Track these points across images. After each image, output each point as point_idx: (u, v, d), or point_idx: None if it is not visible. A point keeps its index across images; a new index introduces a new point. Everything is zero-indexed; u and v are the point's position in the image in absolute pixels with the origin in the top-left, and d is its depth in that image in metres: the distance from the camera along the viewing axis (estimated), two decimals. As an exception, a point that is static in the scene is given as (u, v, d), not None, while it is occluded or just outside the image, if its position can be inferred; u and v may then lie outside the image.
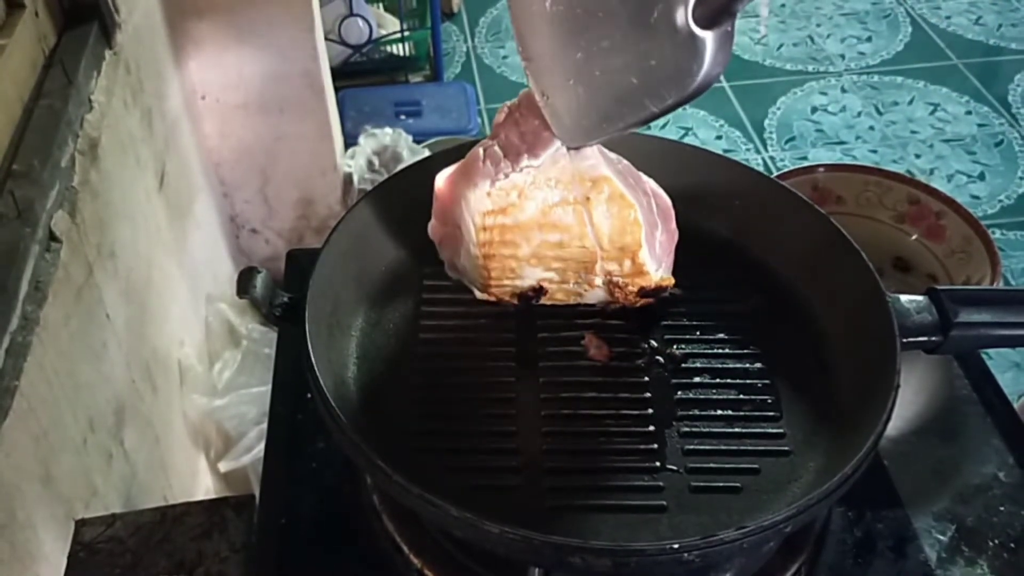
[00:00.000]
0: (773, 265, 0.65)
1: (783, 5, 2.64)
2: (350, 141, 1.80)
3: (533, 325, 0.61)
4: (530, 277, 0.59)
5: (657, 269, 0.59)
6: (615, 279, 0.59)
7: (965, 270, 0.79)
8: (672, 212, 0.61)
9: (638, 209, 0.56)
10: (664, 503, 0.52)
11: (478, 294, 0.61)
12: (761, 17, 2.60)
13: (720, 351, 0.60)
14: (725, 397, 0.58)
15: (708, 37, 0.42)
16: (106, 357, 0.88)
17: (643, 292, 0.59)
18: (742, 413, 0.57)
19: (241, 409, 1.22)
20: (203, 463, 1.22)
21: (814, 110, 2.26)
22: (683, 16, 0.42)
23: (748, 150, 2.14)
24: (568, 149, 0.55)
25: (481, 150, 0.56)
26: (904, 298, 0.57)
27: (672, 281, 0.60)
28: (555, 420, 0.56)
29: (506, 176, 0.54)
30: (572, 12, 0.47)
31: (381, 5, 2.30)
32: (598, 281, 0.59)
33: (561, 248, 0.57)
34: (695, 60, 0.43)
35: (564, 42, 0.48)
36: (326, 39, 1.62)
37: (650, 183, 0.60)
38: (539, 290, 0.60)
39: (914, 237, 0.83)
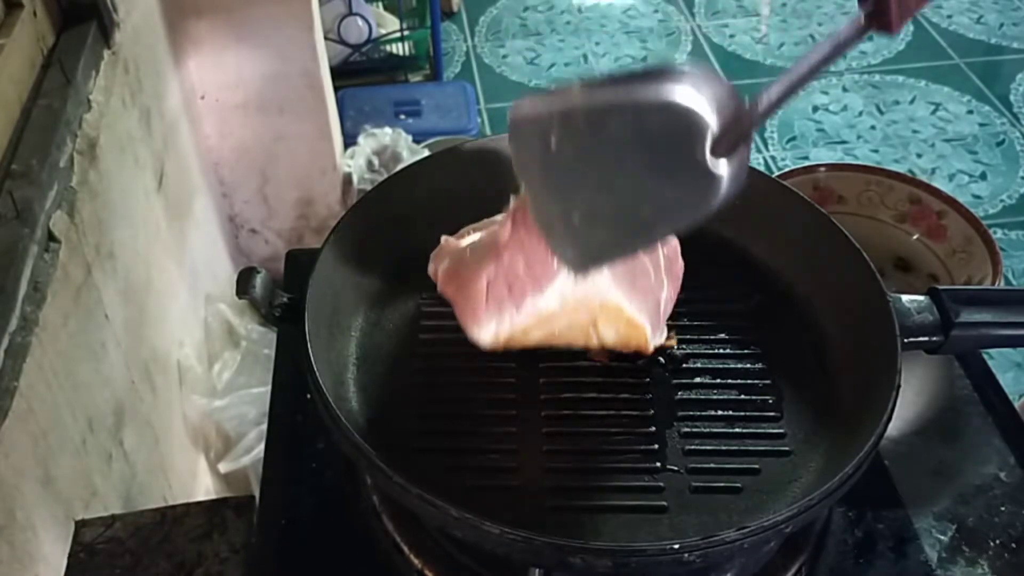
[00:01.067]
0: (773, 265, 0.65)
1: (784, 4, 2.63)
2: (350, 141, 1.80)
3: (533, 325, 0.61)
4: (532, 341, 0.57)
5: (655, 334, 0.57)
6: (617, 351, 0.58)
7: (966, 270, 0.79)
8: (680, 263, 0.58)
9: (647, 328, 0.54)
10: (665, 503, 0.51)
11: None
12: (762, 16, 2.60)
13: (721, 351, 0.60)
14: (726, 397, 0.57)
15: (725, 165, 0.41)
16: (105, 358, 0.88)
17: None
18: (743, 413, 0.56)
19: (241, 410, 1.22)
20: (203, 464, 1.22)
21: (815, 109, 2.26)
22: (701, 153, 0.40)
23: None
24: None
25: (484, 283, 0.52)
26: (905, 298, 0.57)
27: (674, 341, 0.59)
28: (555, 420, 0.56)
29: (512, 322, 0.52)
30: (579, 155, 0.44)
31: (380, 4, 2.30)
32: (595, 343, 0.58)
33: (566, 344, 0.56)
34: (712, 190, 0.41)
35: (571, 182, 0.46)
36: (325, 38, 1.61)
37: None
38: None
39: (915, 237, 0.83)
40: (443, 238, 0.57)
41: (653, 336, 0.56)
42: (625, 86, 0.42)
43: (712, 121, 0.40)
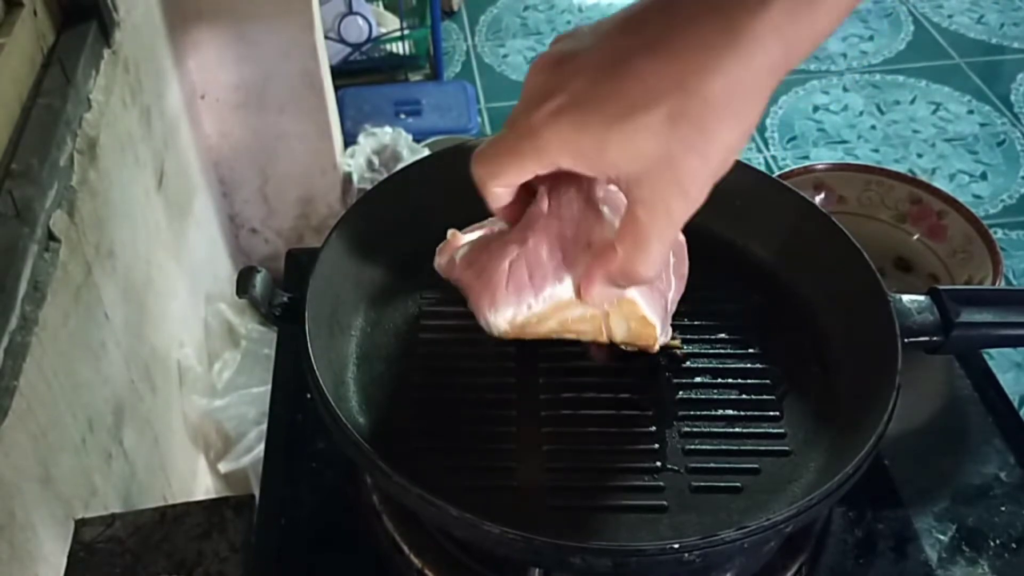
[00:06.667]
0: (773, 265, 0.65)
1: (784, 4, 2.63)
2: (350, 140, 1.80)
3: (533, 325, 0.61)
4: (541, 335, 0.56)
5: (663, 333, 0.56)
6: (624, 347, 0.57)
7: (967, 270, 0.79)
8: (687, 263, 0.58)
9: (657, 327, 0.54)
10: (664, 503, 0.51)
11: (484, 328, 0.59)
12: (762, 16, 2.60)
13: (721, 351, 0.60)
14: (726, 397, 0.57)
15: None
16: (105, 357, 0.88)
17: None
18: (743, 413, 0.56)
19: (241, 409, 1.22)
20: (203, 463, 1.22)
21: (816, 109, 2.26)
22: None
23: (749, 149, 2.14)
24: None
25: (507, 265, 0.51)
26: (906, 298, 0.57)
27: (678, 341, 0.59)
28: (555, 420, 0.56)
29: (529, 309, 0.51)
30: None
31: (381, 3, 2.30)
32: (605, 339, 0.57)
33: (575, 338, 0.55)
34: None
35: None
36: (325, 37, 1.62)
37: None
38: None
39: (915, 237, 0.83)
40: (450, 232, 0.57)
41: (661, 334, 0.56)
42: None
43: None
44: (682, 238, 0.57)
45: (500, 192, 0.48)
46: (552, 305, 0.51)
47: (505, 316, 0.52)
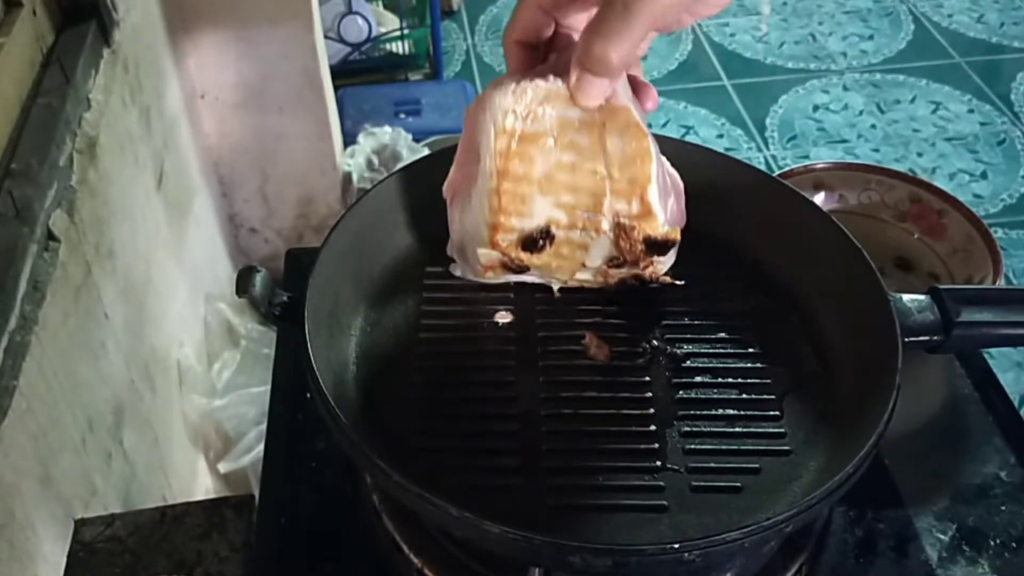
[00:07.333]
0: (773, 265, 0.65)
1: (785, 3, 2.63)
2: (350, 140, 1.80)
3: (533, 324, 0.61)
4: (539, 214, 0.57)
5: (664, 222, 0.57)
6: (622, 221, 0.57)
7: (967, 269, 0.79)
8: (683, 195, 0.60)
9: (651, 141, 0.56)
10: (665, 503, 0.51)
11: (482, 254, 0.58)
12: (763, 15, 2.60)
13: (721, 351, 0.60)
14: (726, 397, 0.57)
15: None
16: (105, 357, 0.88)
17: (649, 242, 0.57)
18: (743, 413, 0.56)
19: (241, 409, 1.22)
20: (202, 463, 1.22)
21: (816, 108, 2.26)
22: None
23: (750, 149, 2.14)
24: None
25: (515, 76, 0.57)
26: (906, 297, 0.57)
27: (679, 236, 0.58)
28: (555, 420, 0.56)
29: (533, 91, 0.54)
30: None
31: (380, 3, 2.30)
32: (605, 224, 0.57)
33: (573, 173, 0.56)
34: None
35: None
36: (325, 37, 1.62)
37: (666, 165, 0.60)
38: (546, 235, 0.58)
39: (916, 236, 0.83)
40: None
41: (660, 201, 0.56)
42: None
43: None
44: (680, 185, 0.60)
45: (516, 49, 0.55)
46: (554, 88, 0.54)
47: (510, 89, 0.54)
